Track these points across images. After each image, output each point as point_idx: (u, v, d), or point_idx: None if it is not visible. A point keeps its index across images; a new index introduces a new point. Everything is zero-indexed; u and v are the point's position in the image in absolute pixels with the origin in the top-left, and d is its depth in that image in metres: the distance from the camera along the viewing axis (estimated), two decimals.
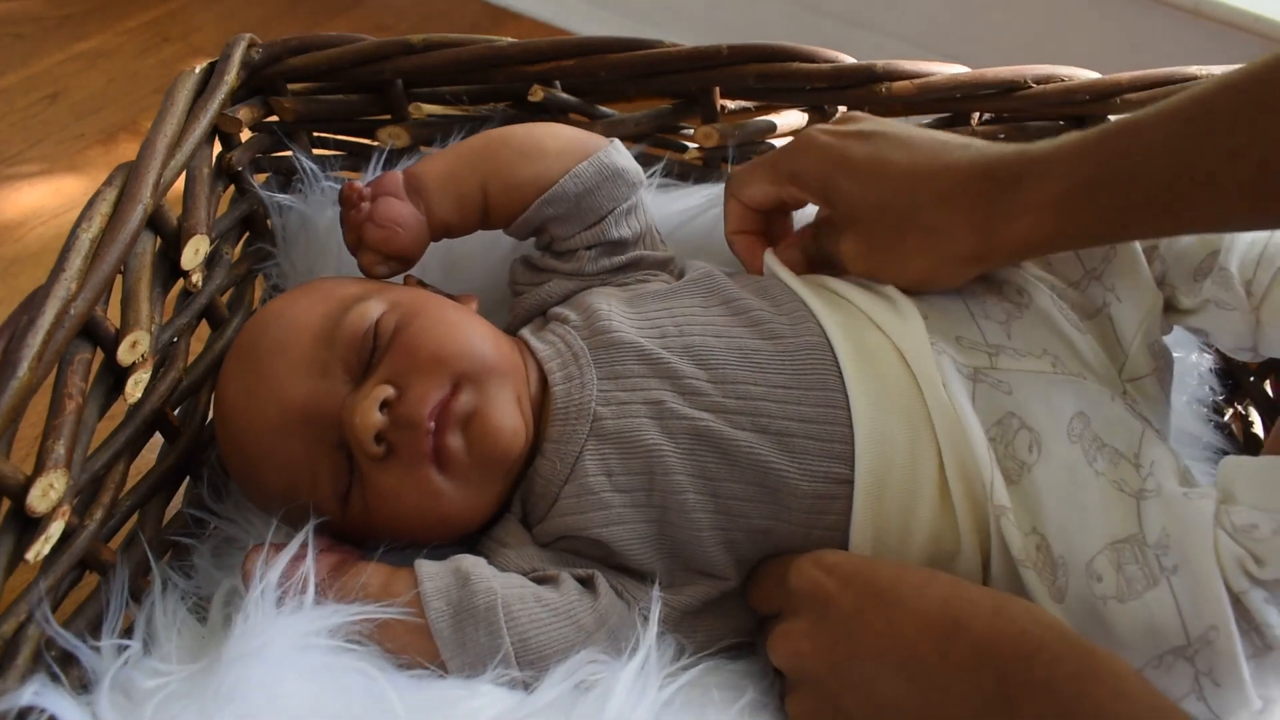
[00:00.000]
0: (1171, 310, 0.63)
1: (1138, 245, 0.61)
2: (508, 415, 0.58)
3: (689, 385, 0.59)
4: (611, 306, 0.63)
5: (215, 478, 0.67)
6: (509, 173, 0.67)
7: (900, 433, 0.57)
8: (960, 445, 0.56)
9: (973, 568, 0.56)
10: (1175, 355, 0.65)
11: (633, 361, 0.60)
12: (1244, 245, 0.59)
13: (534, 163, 0.67)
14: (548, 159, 0.67)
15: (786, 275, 0.65)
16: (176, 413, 0.65)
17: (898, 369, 0.59)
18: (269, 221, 0.78)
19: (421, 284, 0.68)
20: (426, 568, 0.56)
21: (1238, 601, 0.49)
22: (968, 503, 0.56)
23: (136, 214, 0.56)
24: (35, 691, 0.47)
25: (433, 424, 0.57)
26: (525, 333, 0.66)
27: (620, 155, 0.69)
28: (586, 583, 0.58)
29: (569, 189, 0.66)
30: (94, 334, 0.55)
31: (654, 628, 0.56)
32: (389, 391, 0.56)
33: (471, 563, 0.57)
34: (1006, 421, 0.56)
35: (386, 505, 0.57)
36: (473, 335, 0.60)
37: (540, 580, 0.58)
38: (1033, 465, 0.55)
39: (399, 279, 0.69)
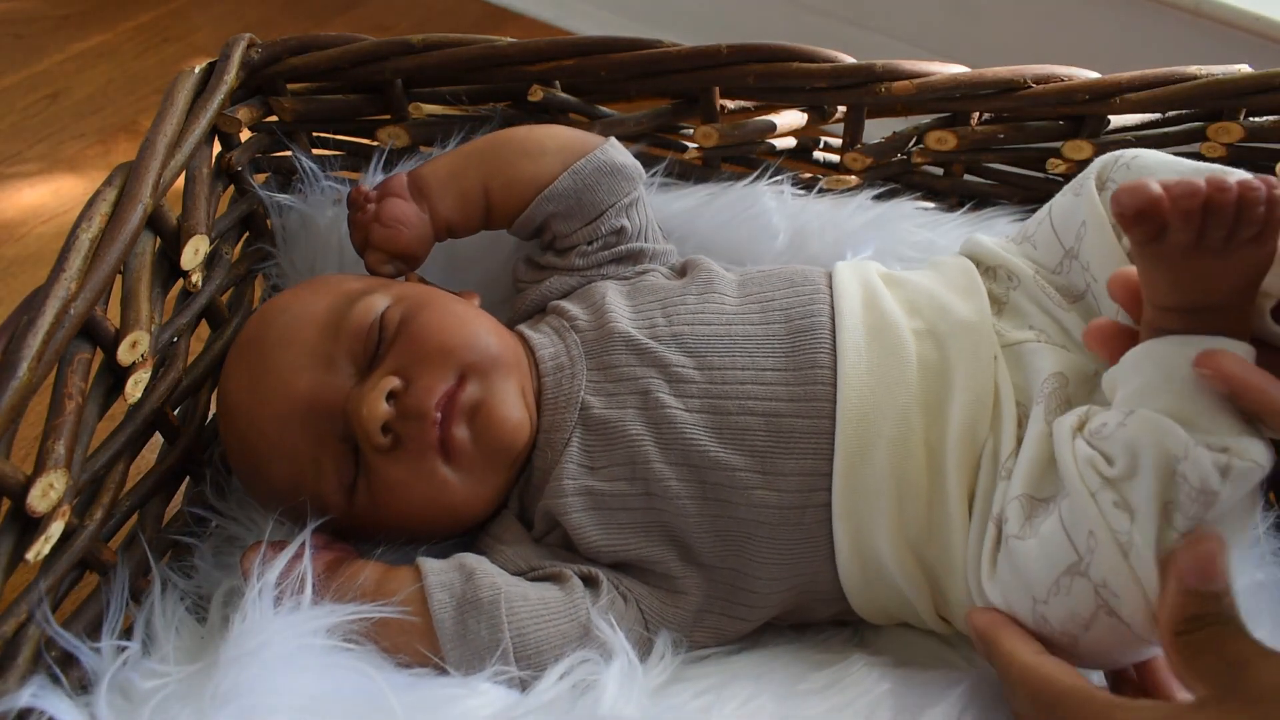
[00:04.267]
0: None
1: (1105, 216, 0.57)
2: (513, 407, 0.59)
3: (677, 374, 0.59)
4: (609, 300, 0.64)
5: (218, 475, 0.67)
6: (510, 171, 0.68)
7: (892, 405, 0.57)
8: (979, 413, 0.56)
9: (960, 534, 0.56)
10: None
11: (623, 352, 0.61)
12: None
13: (534, 161, 0.67)
14: (547, 157, 0.68)
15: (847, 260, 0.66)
16: (176, 413, 0.65)
17: (929, 347, 0.59)
18: (269, 221, 0.78)
19: (424, 282, 0.69)
20: (430, 563, 0.57)
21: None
22: (968, 470, 0.56)
23: (136, 214, 0.56)
24: (34, 693, 0.47)
25: (439, 415, 0.57)
26: (522, 327, 0.66)
27: (618, 152, 0.69)
28: (589, 580, 0.58)
29: (568, 185, 0.67)
30: (94, 334, 0.55)
31: (653, 626, 0.56)
32: (396, 383, 0.57)
33: (475, 560, 0.57)
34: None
35: (393, 497, 0.58)
36: (478, 328, 0.61)
37: (542, 578, 0.58)
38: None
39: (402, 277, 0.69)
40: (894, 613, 0.60)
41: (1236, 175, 0.46)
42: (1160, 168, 0.57)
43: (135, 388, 0.58)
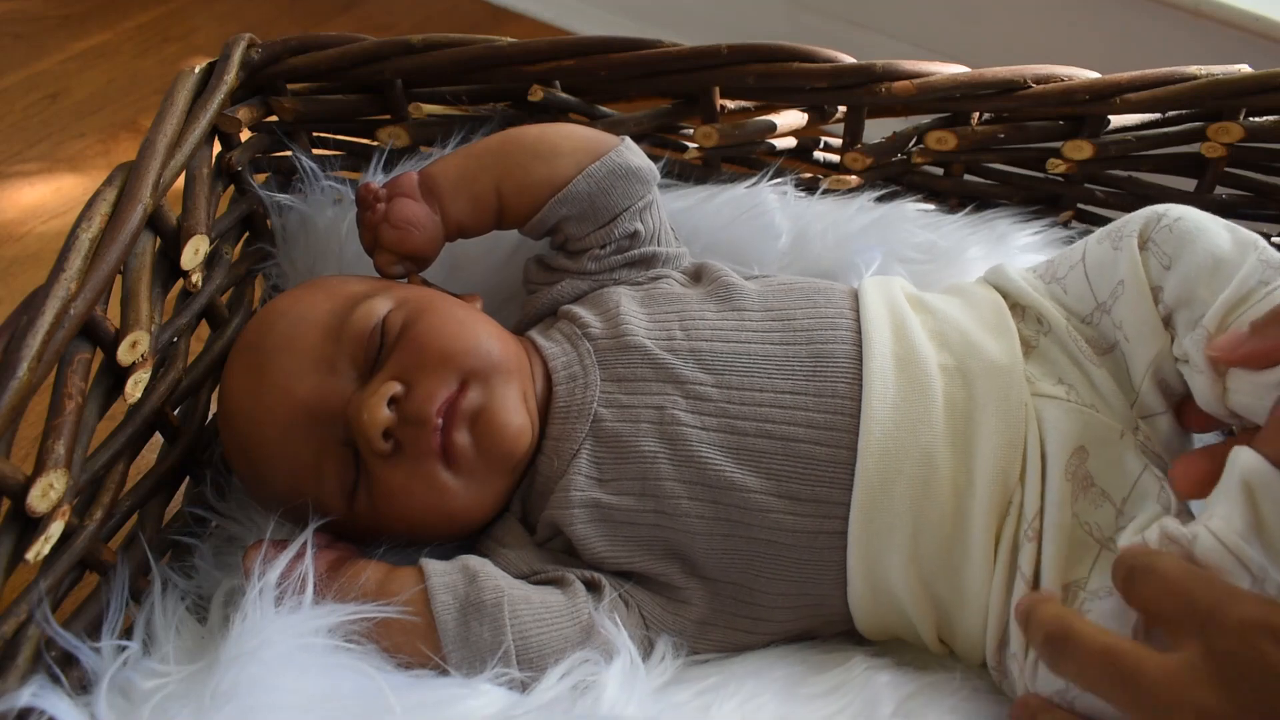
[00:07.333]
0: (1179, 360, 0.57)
1: (1145, 281, 0.56)
2: (514, 413, 0.59)
3: (694, 391, 0.59)
4: (624, 307, 0.64)
5: (218, 475, 0.67)
6: (522, 173, 0.67)
7: (915, 444, 0.56)
8: (1011, 459, 0.55)
9: (979, 576, 0.56)
10: None
11: (639, 365, 0.60)
12: (1223, 299, 0.52)
13: (547, 163, 0.67)
14: (561, 159, 0.67)
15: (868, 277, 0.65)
16: (176, 413, 0.65)
17: (956, 386, 0.58)
18: (269, 221, 0.78)
19: (426, 283, 0.68)
20: (433, 565, 0.57)
21: None
22: (996, 516, 0.55)
23: (136, 214, 0.56)
24: (34, 693, 0.47)
25: (440, 421, 0.57)
26: (533, 332, 0.66)
27: (633, 154, 0.69)
28: (591, 585, 0.58)
29: (582, 188, 0.66)
30: (94, 334, 0.55)
31: (655, 632, 0.56)
32: (397, 388, 0.56)
33: (478, 562, 0.57)
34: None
35: (393, 502, 0.58)
36: (480, 333, 0.60)
37: (545, 582, 0.58)
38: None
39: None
40: (896, 632, 0.60)
41: None
42: (1199, 232, 0.55)
43: (135, 388, 0.58)
